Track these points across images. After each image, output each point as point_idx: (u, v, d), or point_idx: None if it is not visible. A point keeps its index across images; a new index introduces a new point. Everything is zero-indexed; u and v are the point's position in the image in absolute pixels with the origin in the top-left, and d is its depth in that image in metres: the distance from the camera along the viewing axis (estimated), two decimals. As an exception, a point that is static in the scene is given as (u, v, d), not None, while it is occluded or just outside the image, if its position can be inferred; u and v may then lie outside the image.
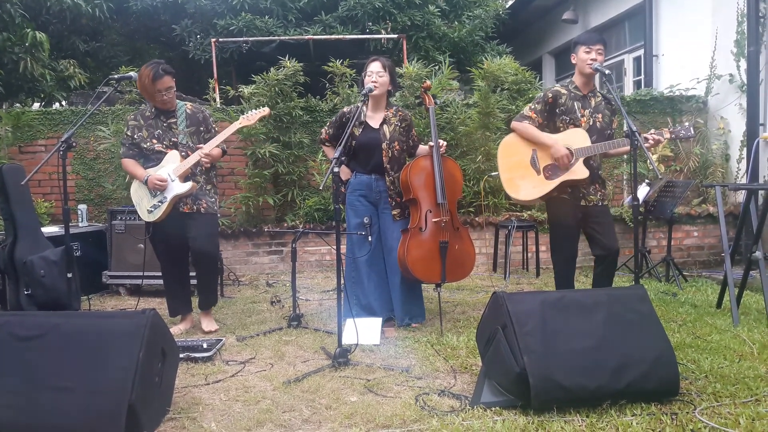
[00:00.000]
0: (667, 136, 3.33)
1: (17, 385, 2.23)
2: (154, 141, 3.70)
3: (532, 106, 3.56)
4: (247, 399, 2.67)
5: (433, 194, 3.65)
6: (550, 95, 3.52)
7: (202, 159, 3.61)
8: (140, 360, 2.25)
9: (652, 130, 3.39)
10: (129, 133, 3.74)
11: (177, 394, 2.67)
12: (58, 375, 2.25)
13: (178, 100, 3.78)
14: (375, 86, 3.65)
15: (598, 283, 3.59)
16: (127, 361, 2.24)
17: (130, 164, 3.75)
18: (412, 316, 3.80)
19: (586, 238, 3.61)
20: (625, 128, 3.22)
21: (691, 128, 3.35)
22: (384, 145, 3.74)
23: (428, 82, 4.05)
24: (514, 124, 3.58)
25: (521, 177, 3.50)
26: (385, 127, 3.78)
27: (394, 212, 3.78)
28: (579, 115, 3.48)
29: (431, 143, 3.70)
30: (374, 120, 3.80)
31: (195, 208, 3.72)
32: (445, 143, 3.78)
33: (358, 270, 3.78)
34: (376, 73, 3.69)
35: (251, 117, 3.82)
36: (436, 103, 3.93)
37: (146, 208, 3.69)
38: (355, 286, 3.79)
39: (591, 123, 3.48)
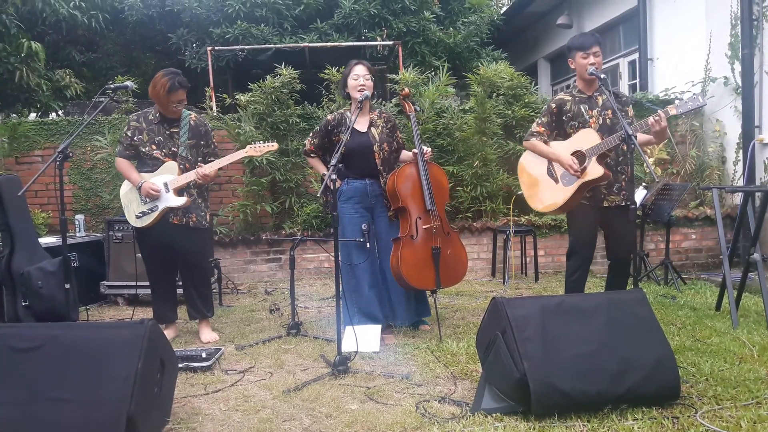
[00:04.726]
0: (673, 111, 3.18)
1: (15, 397, 2.22)
2: (154, 147, 3.66)
3: (539, 120, 3.59)
4: (246, 408, 2.66)
5: (422, 201, 3.64)
6: (554, 105, 3.54)
7: (197, 179, 3.59)
8: (139, 370, 2.24)
9: (659, 111, 3.23)
10: (129, 134, 3.68)
11: (176, 404, 2.66)
12: (57, 386, 2.23)
13: (183, 109, 3.75)
14: (366, 90, 3.62)
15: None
16: (126, 372, 2.23)
17: (125, 165, 3.70)
18: (419, 313, 3.79)
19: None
20: (621, 131, 3.22)
21: (699, 97, 3.19)
22: (375, 147, 3.73)
23: (407, 90, 4.01)
24: (525, 143, 3.67)
25: (541, 189, 3.55)
26: (372, 129, 3.77)
27: (390, 213, 3.78)
28: (587, 117, 3.47)
29: (415, 150, 3.69)
30: (360, 124, 3.76)
31: (184, 221, 3.69)
32: (429, 150, 3.77)
33: (357, 278, 3.73)
34: (363, 76, 3.65)
35: (259, 148, 3.72)
36: (415, 108, 3.91)
37: (135, 212, 3.65)
38: (355, 293, 3.74)
39: (601, 121, 3.45)
